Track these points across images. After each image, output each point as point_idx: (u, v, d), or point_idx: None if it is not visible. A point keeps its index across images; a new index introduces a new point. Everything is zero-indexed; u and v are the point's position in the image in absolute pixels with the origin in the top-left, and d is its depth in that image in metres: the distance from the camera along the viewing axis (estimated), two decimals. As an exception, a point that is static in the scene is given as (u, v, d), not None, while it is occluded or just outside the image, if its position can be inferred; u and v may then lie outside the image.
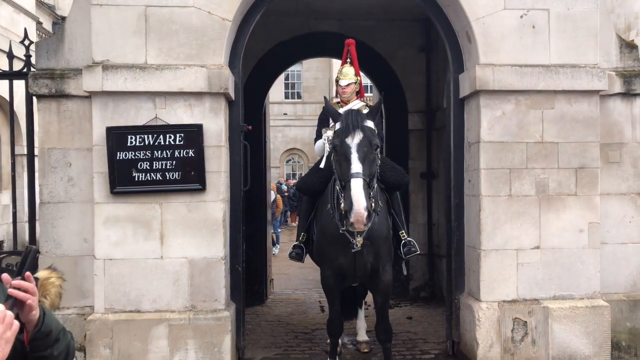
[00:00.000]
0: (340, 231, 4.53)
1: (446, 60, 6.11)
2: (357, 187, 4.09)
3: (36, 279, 1.76)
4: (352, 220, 4.07)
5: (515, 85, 5.29)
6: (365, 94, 6.51)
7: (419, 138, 8.65)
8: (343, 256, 4.84)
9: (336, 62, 20.92)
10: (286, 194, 21.17)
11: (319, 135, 5.69)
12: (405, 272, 6.35)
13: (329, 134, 5.39)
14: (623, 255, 5.69)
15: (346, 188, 4.18)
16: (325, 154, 5.33)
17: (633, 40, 8.80)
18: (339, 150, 4.41)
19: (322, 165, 5.35)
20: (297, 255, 5.54)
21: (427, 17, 6.88)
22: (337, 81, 5.75)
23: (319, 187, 5.29)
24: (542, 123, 5.36)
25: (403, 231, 5.35)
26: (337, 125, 4.62)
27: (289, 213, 22.44)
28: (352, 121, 4.42)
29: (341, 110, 5.62)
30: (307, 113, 29.91)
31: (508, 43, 5.31)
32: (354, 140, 4.34)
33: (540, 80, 5.29)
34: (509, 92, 5.32)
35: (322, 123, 5.71)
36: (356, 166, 4.21)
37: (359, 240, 4.53)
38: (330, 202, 4.82)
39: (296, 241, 5.64)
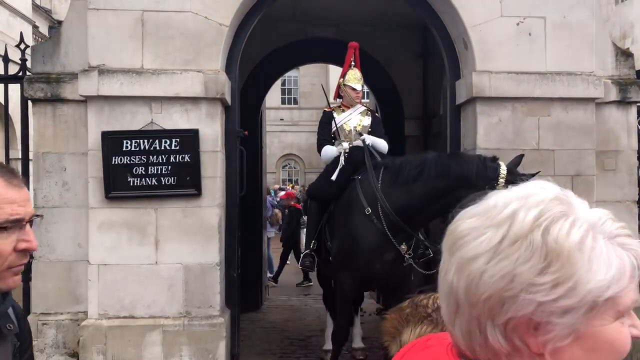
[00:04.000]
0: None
1: (443, 67, 6.11)
2: None
3: None
4: None
5: (511, 92, 5.30)
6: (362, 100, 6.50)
7: (415, 144, 8.65)
8: (379, 262, 4.83)
9: (333, 68, 21.00)
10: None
11: (322, 138, 5.67)
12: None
13: (344, 145, 5.40)
14: (619, 262, 5.68)
15: None
16: (339, 167, 5.33)
17: (628, 48, 8.86)
18: None
19: (333, 178, 5.34)
20: (310, 264, 5.48)
21: (423, 23, 6.89)
22: (345, 84, 5.72)
23: (335, 193, 5.29)
24: (539, 130, 5.37)
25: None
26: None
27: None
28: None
29: (344, 114, 5.66)
30: (303, 118, 29.84)
31: (504, 50, 5.32)
32: None
33: (537, 87, 5.30)
34: (505, 99, 5.32)
35: (324, 126, 5.71)
36: None
37: (405, 250, 4.79)
38: (367, 208, 4.79)
39: (306, 249, 5.59)
